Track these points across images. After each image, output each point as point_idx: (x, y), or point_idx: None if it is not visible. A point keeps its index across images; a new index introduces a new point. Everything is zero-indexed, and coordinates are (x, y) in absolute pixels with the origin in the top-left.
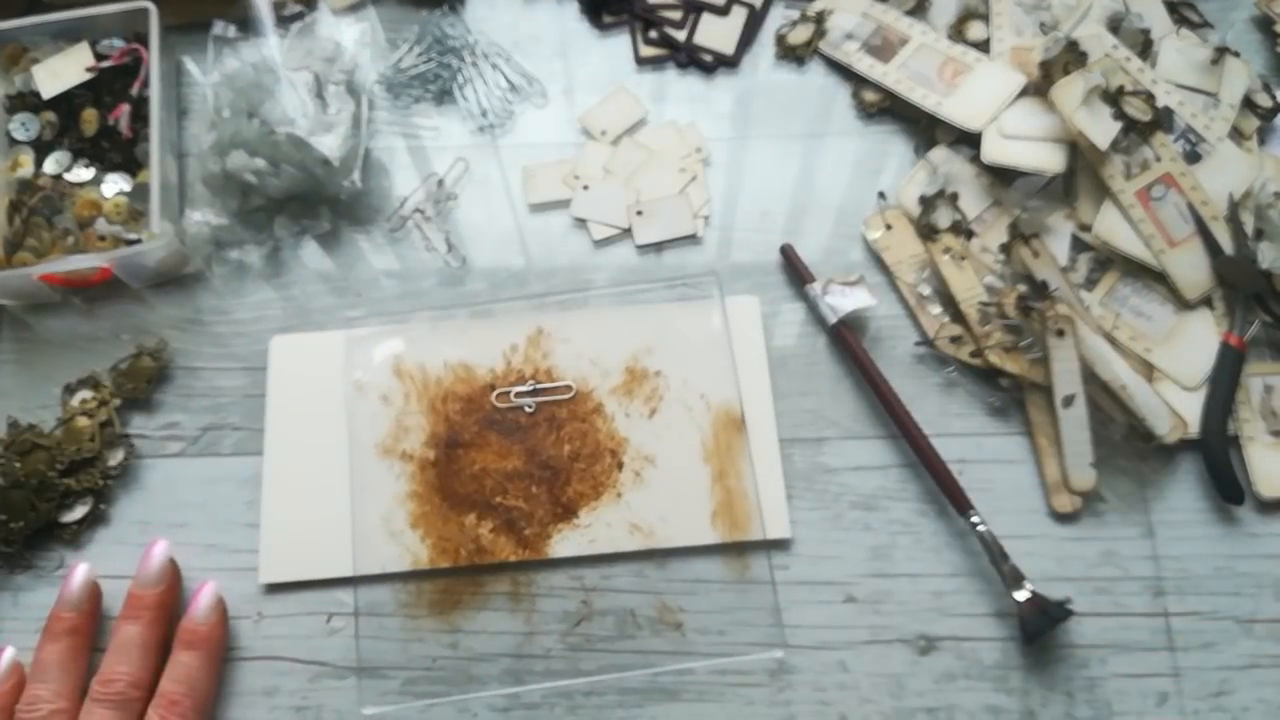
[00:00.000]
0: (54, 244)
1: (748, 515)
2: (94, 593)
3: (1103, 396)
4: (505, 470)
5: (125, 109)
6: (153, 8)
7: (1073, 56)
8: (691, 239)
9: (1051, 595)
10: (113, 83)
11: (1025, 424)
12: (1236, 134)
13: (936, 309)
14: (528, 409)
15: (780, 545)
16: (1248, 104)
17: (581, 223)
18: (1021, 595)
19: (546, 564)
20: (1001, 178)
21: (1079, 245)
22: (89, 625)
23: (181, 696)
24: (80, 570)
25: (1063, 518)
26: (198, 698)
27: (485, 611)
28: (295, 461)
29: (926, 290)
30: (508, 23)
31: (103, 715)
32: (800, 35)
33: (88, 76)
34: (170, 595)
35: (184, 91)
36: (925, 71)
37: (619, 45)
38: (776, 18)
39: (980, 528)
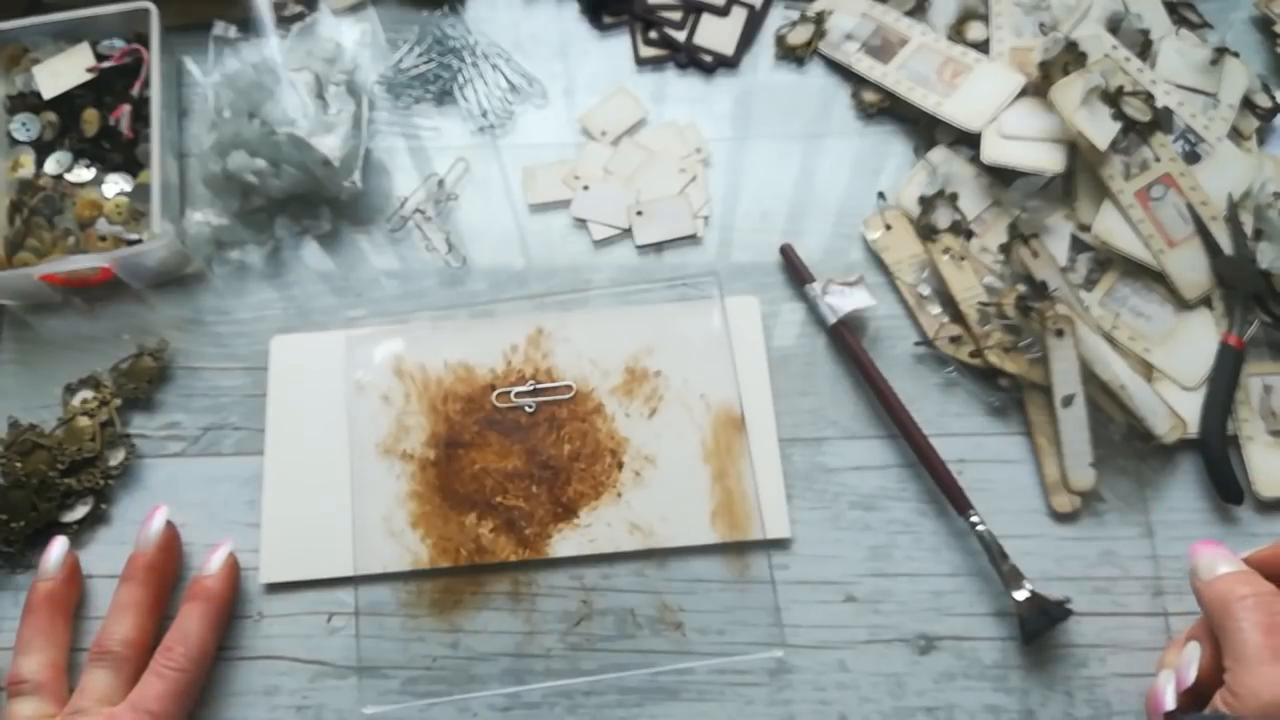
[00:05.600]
0: (55, 244)
1: (747, 515)
2: (70, 561)
3: (1102, 396)
4: (505, 470)
5: (126, 109)
6: (153, 8)
7: (1072, 57)
8: (691, 239)
9: (1051, 595)
10: (113, 83)
11: (1025, 424)
12: (1236, 134)
13: (936, 309)
14: (528, 409)
15: (780, 545)
16: (1247, 104)
17: (581, 223)
18: (1021, 595)
19: (547, 564)
20: (1001, 178)
21: (1078, 245)
22: (66, 591)
23: (175, 644)
24: (56, 543)
25: (1062, 517)
26: (190, 646)
27: (485, 611)
28: (296, 461)
29: (926, 290)
30: (508, 23)
31: (98, 676)
32: (800, 36)
33: (88, 77)
34: (164, 556)
35: (185, 92)
36: (925, 72)
37: (619, 46)
38: (776, 18)
39: (980, 527)
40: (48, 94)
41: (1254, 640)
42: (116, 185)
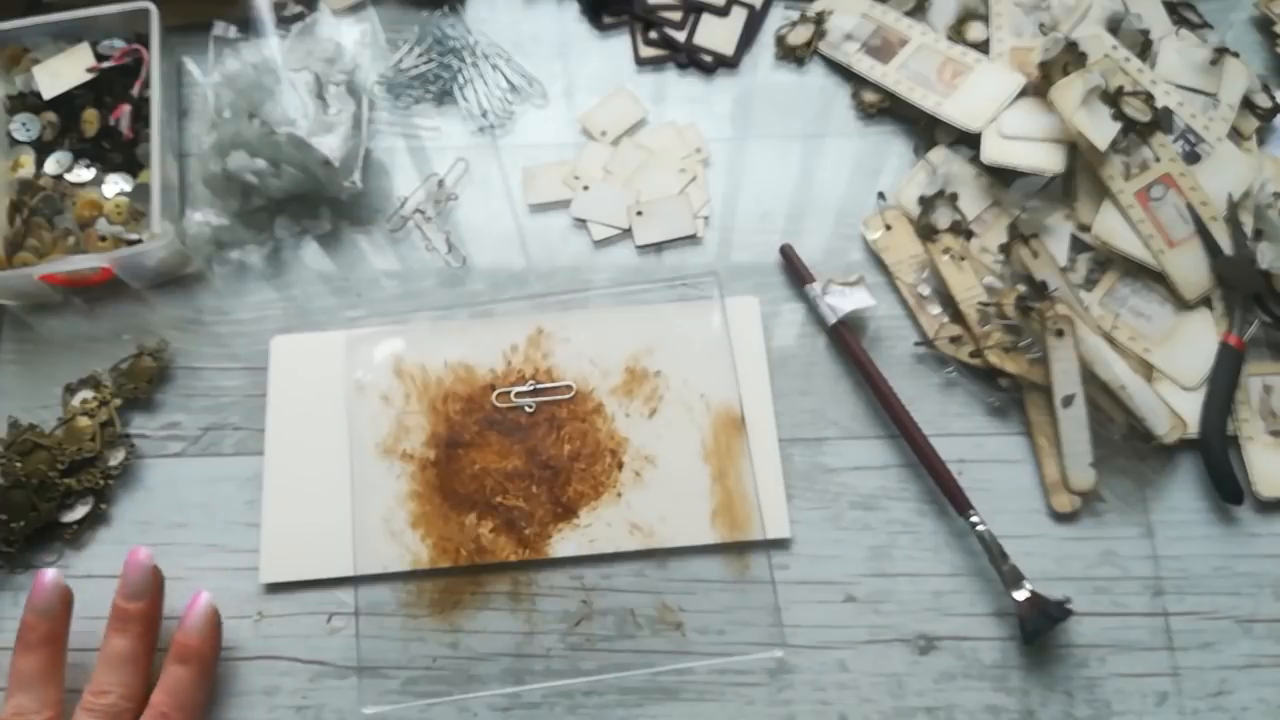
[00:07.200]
0: (55, 244)
1: (747, 515)
2: (65, 597)
3: (1102, 396)
4: (505, 470)
5: (126, 109)
6: (153, 8)
7: (1072, 57)
8: (691, 239)
9: (1051, 595)
10: (113, 83)
11: (1025, 424)
12: (1236, 134)
13: (936, 309)
14: (528, 409)
15: (780, 545)
16: (1247, 104)
17: (581, 223)
18: (1021, 595)
19: (547, 564)
20: (1001, 178)
21: (1078, 245)
22: (63, 630)
23: (171, 709)
24: (49, 576)
25: (1062, 517)
26: (186, 711)
27: (485, 611)
28: (296, 461)
29: (926, 290)
30: (508, 23)
31: None
32: (800, 36)
33: (88, 77)
34: (154, 605)
35: (185, 92)
36: (925, 72)
37: (619, 46)
38: (776, 18)
39: (980, 528)
40: (48, 94)
41: None
42: (116, 185)
